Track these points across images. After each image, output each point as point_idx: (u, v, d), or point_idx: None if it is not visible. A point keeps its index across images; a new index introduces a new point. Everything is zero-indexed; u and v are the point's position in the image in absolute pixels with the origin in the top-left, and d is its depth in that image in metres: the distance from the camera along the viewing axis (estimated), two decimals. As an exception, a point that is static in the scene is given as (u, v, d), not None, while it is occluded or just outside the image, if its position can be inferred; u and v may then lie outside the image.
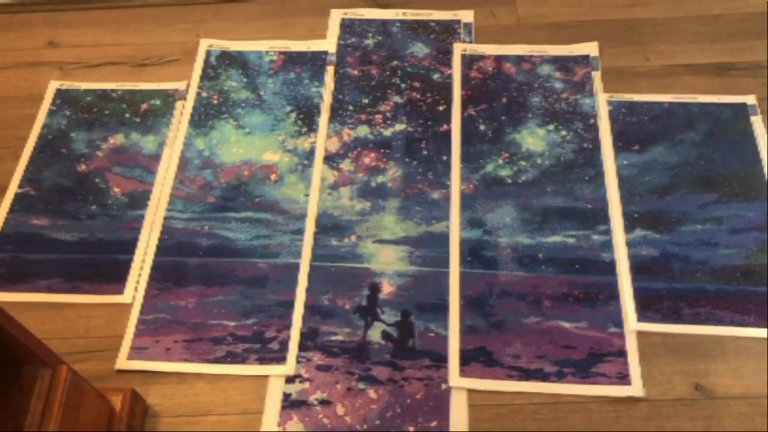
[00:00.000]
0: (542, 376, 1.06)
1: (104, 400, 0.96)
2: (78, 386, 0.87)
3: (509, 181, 1.25)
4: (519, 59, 1.40)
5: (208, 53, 1.44)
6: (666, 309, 1.11)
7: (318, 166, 1.29)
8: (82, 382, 0.89)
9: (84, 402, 0.89)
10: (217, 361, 1.09)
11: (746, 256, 1.15)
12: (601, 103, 1.33)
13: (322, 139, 1.32)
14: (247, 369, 1.09)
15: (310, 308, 1.14)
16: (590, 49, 1.40)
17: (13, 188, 1.29)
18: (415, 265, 1.18)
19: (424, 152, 1.30)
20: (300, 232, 1.22)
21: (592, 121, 1.31)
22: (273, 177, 1.28)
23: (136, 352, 1.11)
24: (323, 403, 1.05)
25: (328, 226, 1.22)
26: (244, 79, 1.40)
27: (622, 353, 1.07)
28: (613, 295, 1.13)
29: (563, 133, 1.30)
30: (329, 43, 1.45)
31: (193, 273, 1.18)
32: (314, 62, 1.42)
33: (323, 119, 1.34)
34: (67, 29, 1.51)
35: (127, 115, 1.37)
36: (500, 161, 1.27)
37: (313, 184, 1.27)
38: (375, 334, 1.11)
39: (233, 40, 1.46)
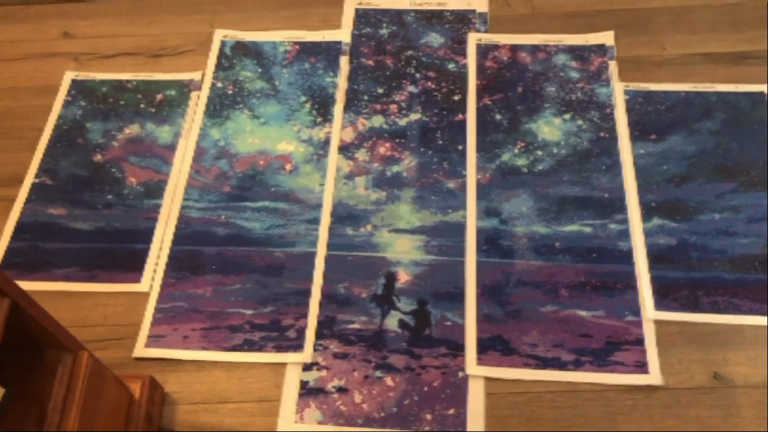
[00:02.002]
0: (559, 365, 1.06)
1: (123, 386, 0.96)
2: (99, 372, 0.88)
3: (525, 170, 1.25)
4: (534, 48, 1.39)
5: (223, 44, 1.44)
6: (684, 298, 1.10)
7: (333, 156, 1.29)
8: (102, 369, 0.89)
9: (104, 388, 0.89)
10: (234, 348, 1.10)
11: (764, 245, 1.14)
12: (618, 92, 1.32)
13: (337, 129, 1.32)
14: (264, 357, 1.09)
15: (327, 297, 1.14)
16: (606, 38, 1.40)
17: (30, 178, 1.29)
18: (431, 254, 1.17)
19: (440, 142, 1.29)
20: (316, 221, 1.22)
21: (608, 110, 1.30)
22: (288, 167, 1.28)
23: (154, 340, 1.11)
24: (340, 390, 1.06)
25: (344, 215, 1.22)
26: (259, 70, 1.40)
27: (639, 342, 1.07)
28: (631, 284, 1.12)
29: (579, 122, 1.30)
30: (343, 33, 1.44)
31: (210, 262, 1.18)
32: (329, 52, 1.42)
33: (338, 109, 1.34)
34: (81, 20, 1.51)
35: (142, 106, 1.37)
36: (516, 151, 1.27)
37: (329, 173, 1.27)
38: (392, 322, 1.11)
39: (247, 31, 1.46)
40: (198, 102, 1.37)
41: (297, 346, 1.10)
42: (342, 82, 1.38)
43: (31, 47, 1.48)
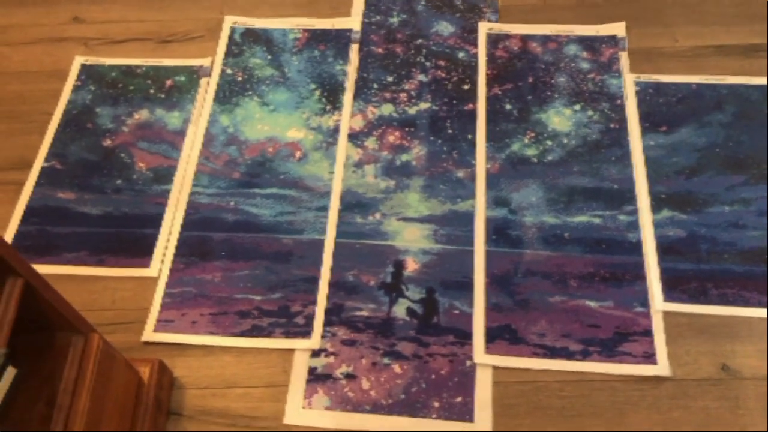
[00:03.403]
0: (567, 355, 1.06)
1: (133, 370, 0.97)
2: (109, 355, 0.88)
3: (535, 160, 1.25)
4: (545, 39, 1.39)
5: (233, 30, 1.44)
6: (693, 289, 1.10)
7: (342, 144, 1.29)
8: (113, 351, 0.90)
9: (115, 371, 0.89)
10: (242, 334, 1.10)
11: (774, 237, 1.14)
12: (628, 83, 1.32)
13: (347, 117, 1.32)
14: (272, 342, 1.09)
15: (335, 284, 1.14)
16: (617, 29, 1.39)
17: (39, 162, 1.30)
18: (440, 243, 1.17)
19: (449, 131, 1.29)
20: (324, 209, 1.22)
21: (618, 101, 1.30)
22: (297, 154, 1.28)
23: (163, 324, 1.12)
24: (348, 377, 1.06)
25: (353, 203, 1.22)
26: (269, 57, 1.40)
27: (648, 333, 1.07)
28: (640, 275, 1.12)
29: (590, 113, 1.29)
30: (354, 21, 1.44)
31: (219, 248, 1.19)
32: (338, 40, 1.41)
33: (347, 97, 1.34)
34: (91, 5, 1.51)
35: (151, 91, 1.37)
36: (526, 140, 1.27)
37: (338, 161, 1.27)
38: (400, 310, 1.11)
39: (257, 17, 1.45)
40: (207, 88, 1.37)
41: (305, 332, 1.10)
42: (352, 70, 1.37)
43: (41, 32, 1.48)
